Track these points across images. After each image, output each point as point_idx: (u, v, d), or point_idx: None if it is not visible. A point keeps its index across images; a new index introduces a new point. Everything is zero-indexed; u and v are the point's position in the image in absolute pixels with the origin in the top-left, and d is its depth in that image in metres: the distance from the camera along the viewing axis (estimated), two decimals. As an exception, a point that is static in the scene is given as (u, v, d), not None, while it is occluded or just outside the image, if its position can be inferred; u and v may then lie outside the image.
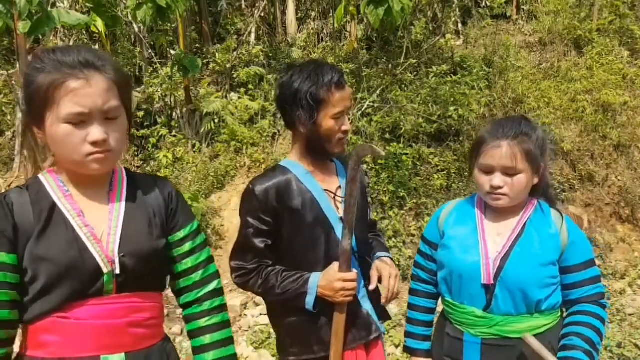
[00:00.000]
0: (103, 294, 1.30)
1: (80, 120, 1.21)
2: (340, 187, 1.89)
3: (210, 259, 1.50)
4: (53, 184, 1.32)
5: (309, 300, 1.72)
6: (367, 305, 1.86)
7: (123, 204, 1.37)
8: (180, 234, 1.45)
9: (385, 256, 1.95)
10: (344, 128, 1.81)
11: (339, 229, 1.79)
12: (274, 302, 1.88)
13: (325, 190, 1.84)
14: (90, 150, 1.24)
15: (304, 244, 1.80)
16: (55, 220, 1.28)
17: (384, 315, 1.94)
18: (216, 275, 1.50)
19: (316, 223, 1.79)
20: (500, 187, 1.70)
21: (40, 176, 1.35)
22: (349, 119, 1.92)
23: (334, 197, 1.85)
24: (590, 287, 1.71)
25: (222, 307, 1.49)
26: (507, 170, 1.69)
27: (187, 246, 1.45)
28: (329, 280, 1.70)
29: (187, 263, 1.44)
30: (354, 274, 1.72)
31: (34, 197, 1.29)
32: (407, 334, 1.96)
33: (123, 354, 1.30)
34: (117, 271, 1.30)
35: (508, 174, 1.69)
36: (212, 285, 1.47)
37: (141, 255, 1.34)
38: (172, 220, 1.44)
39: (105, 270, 1.29)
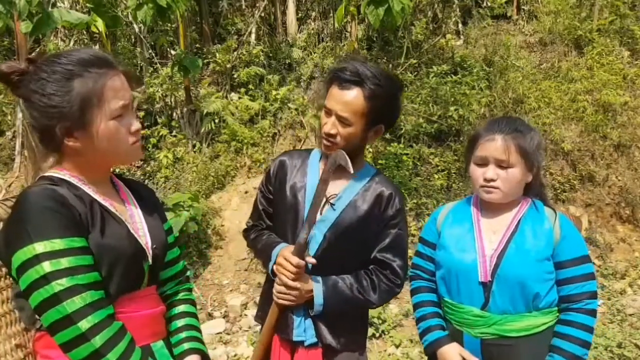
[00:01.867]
0: (141, 287, 1.38)
1: (122, 114, 1.29)
2: (337, 194, 1.78)
3: (182, 255, 1.65)
4: (78, 182, 1.32)
5: (270, 265, 1.78)
6: (297, 311, 1.77)
7: (136, 201, 1.45)
8: (165, 226, 1.55)
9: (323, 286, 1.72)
10: (324, 128, 1.71)
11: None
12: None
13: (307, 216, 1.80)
14: (133, 140, 1.33)
15: (279, 223, 1.88)
16: (104, 214, 1.31)
17: (330, 337, 1.78)
18: (186, 266, 1.67)
19: (291, 210, 1.81)
20: (493, 180, 1.72)
21: (57, 174, 1.31)
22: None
23: (326, 200, 1.77)
24: (581, 285, 1.70)
25: (192, 290, 1.64)
26: (500, 163, 1.72)
27: (170, 238, 1.55)
28: (280, 253, 1.74)
29: (173, 253, 1.55)
30: (297, 260, 1.64)
31: (74, 191, 1.29)
32: (423, 332, 1.85)
33: (161, 341, 1.41)
34: (151, 262, 1.38)
35: (501, 167, 1.72)
36: (187, 273, 1.65)
37: (163, 248, 1.46)
38: (159, 215, 1.54)
39: (150, 260, 1.38)
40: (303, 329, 1.78)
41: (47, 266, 1.15)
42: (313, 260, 1.68)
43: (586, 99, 6.56)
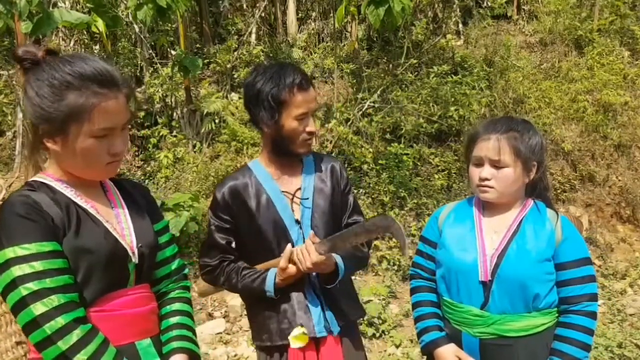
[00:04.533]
0: (127, 285, 1.41)
1: (105, 134, 1.30)
2: (300, 188, 1.90)
3: (178, 253, 1.66)
4: (59, 186, 1.36)
5: (269, 296, 1.81)
6: (313, 306, 1.85)
7: (123, 202, 1.48)
8: (159, 225, 1.57)
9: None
10: (308, 129, 1.82)
11: (293, 231, 1.85)
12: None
13: (283, 192, 1.88)
14: (109, 160, 1.34)
15: (259, 244, 1.86)
16: (81, 215, 1.33)
17: (344, 318, 1.90)
18: (184, 265, 1.67)
19: (270, 224, 1.84)
20: (487, 179, 1.73)
21: (40, 179, 1.36)
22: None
23: (292, 199, 1.88)
24: (580, 287, 1.70)
25: (189, 288, 1.64)
26: (494, 163, 1.73)
27: (165, 237, 1.58)
28: (285, 275, 1.77)
29: (166, 252, 1.57)
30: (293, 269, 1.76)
31: (52, 195, 1.32)
32: (421, 332, 1.87)
33: (149, 339, 1.43)
34: (136, 261, 1.41)
35: (495, 167, 1.73)
36: (184, 271, 1.64)
37: (151, 246, 1.47)
38: (151, 214, 1.56)
39: (133, 259, 1.40)
40: (323, 325, 1.83)
41: (15, 271, 1.20)
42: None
43: (586, 99, 6.56)
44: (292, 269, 1.76)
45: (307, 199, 1.88)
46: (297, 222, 1.86)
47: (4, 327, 1.47)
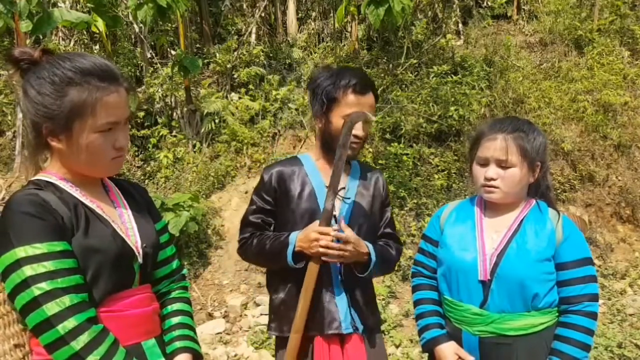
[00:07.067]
0: (133, 285, 1.40)
1: (109, 129, 1.30)
2: (345, 187, 1.95)
3: (177, 253, 1.66)
4: (65, 185, 1.34)
5: (289, 251, 1.82)
6: (341, 303, 1.89)
7: (126, 202, 1.47)
8: (159, 225, 1.57)
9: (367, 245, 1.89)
10: (354, 132, 1.85)
11: (332, 224, 1.87)
12: (268, 275, 2.06)
13: (328, 187, 1.90)
14: (115, 155, 1.35)
15: (291, 230, 1.90)
16: (89, 215, 1.33)
17: (368, 320, 1.95)
18: (183, 265, 1.67)
19: (309, 214, 1.90)
20: (493, 179, 1.73)
21: (45, 178, 1.35)
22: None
23: (335, 194, 1.90)
24: (581, 287, 1.70)
25: (187, 288, 1.65)
26: (500, 163, 1.73)
27: (165, 236, 1.57)
28: (306, 232, 1.80)
29: (167, 252, 1.57)
30: (330, 229, 1.76)
31: (59, 195, 1.31)
32: (422, 330, 1.88)
33: (154, 339, 1.43)
34: (142, 261, 1.41)
35: (501, 167, 1.73)
36: (182, 271, 1.64)
37: (155, 247, 1.48)
38: (151, 214, 1.56)
39: (139, 259, 1.40)
40: (349, 321, 1.88)
41: (27, 271, 1.18)
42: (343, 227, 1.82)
43: (586, 99, 6.56)
44: (321, 237, 1.75)
45: (349, 198, 1.94)
46: (334, 217, 1.90)
47: (1, 330, 1.45)
